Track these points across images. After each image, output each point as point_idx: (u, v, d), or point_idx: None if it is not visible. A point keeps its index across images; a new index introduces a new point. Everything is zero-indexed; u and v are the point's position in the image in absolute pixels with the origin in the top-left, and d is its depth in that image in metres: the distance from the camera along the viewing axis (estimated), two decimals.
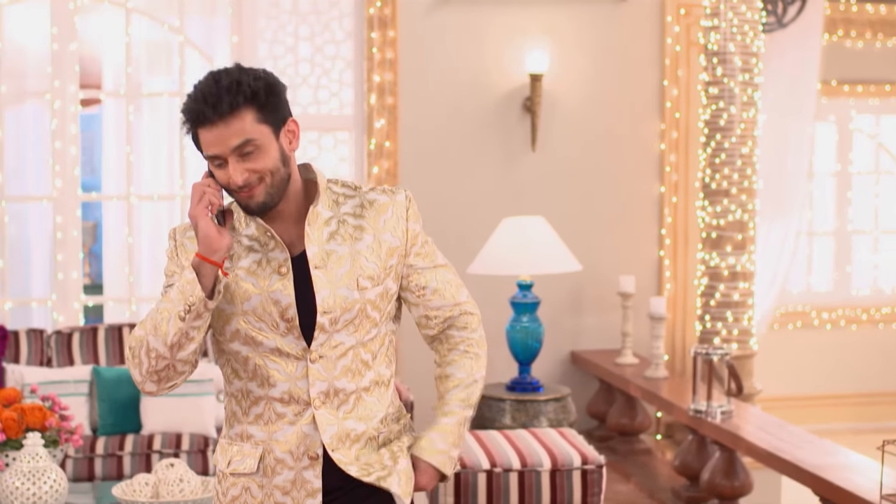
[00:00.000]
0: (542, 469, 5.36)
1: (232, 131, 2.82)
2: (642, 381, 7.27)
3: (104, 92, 7.79)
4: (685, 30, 8.17)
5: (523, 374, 6.87)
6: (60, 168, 7.50)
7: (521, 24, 7.93)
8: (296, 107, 7.80)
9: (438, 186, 7.90)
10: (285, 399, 2.93)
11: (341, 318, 2.93)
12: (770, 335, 8.76)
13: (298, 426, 2.94)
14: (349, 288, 2.93)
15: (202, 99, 2.82)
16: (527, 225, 6.85)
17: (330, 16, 7.88)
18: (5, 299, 7.50)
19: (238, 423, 3.01)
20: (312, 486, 2.95)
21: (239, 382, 2.98)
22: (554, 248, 6.81)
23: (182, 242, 3.01)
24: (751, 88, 7.53)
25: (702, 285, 7.64)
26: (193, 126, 2.86)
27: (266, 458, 2.96)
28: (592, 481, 5.41)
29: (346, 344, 2.94)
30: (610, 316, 8.08)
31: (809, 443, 5.94)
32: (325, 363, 2.93)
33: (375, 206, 3.04)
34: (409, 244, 3.07)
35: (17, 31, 7.62)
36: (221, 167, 2.86)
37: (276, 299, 2.90)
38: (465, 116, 7.92)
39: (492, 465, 5.34)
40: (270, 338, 2.92)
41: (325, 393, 2.93)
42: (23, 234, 7.77)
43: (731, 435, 6.14)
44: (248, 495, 2.99)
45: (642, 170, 8.19)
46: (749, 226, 7.57)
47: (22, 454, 4.86)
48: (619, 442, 7.72)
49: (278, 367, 2.92)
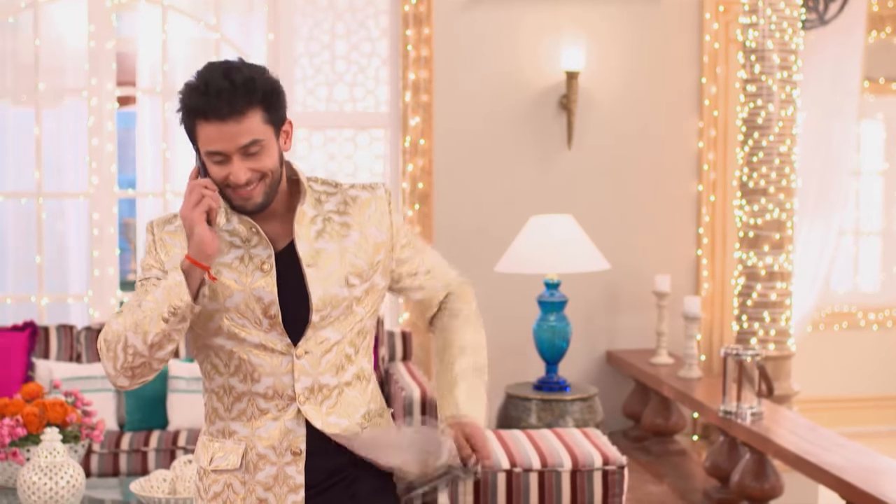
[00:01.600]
0: (563, 469, 5.31)
1: (242, 130, 2.81)
2: (676, 381, 7.20)
3: (140, 89, 7.82)
4: (724, 27, 8.08)
5: (550, 373, 6.83)
6: (97, 165, 7.55)
7: (556, 21, 7.89)
8: (332, 104, 7.82)
9: (473, 184, 7.87)
10: (269, 394, 2.93)
11: (331, 315, 2.94)
12: (814, 336, 8.66)
13: (282, 421, 2.94)
14: (339, 285, 2.95)
15: (215, 94, 2.79)
16: (554, 223, 6.80)
17: (366, 13, 7.87)
18: (42, 295, 7.56)
19: (220, 419, 3.00)
20: (295, 481, 2.95)
21: (220, 378, 2.98)
22: (582, 246, 6.76)
23: (161, 237, 3.00)
24: (789, 86, 7.43)
25: (739, 285, 7.55)
26: (198, 119, 2.83)
27: (249, 454, 2.96)
28: (614, 482, 5.35)
29: (332, 339, 2.95)
30: (646, 315, 8.02)
31: (840, 446, 5.85)
32: (310, 359, 2.93)
33: (358, 202, 3.05)
34: (394, 238, 3.07)
35: (55, 30, 7.68)
36: (221, 164, 2.85)
37: (258, 296, 2.90)
38: (500, 114, 7.89)
39: (512, 464, 5.30)
40: (254, 334, 2.92)
41: (309, 388, 2.93)
42: (60, 230, 7.83)
43: (759, 437, 6.07)
44: (230, 491, 2.99)
45: (680, 168, 8.11)
46: (787, 225, 7.47)
47: (40, 449, 4.88)
48: (654, 442, 7.66)
49: (263, 363, 2.92)
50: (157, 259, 2.98)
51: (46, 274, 7.64)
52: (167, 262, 2.94)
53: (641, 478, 7.22)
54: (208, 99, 2.79)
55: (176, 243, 2.96)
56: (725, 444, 6.62)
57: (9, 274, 7.84)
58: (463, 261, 7.60)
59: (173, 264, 2.88)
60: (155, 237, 3.01)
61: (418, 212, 7.76)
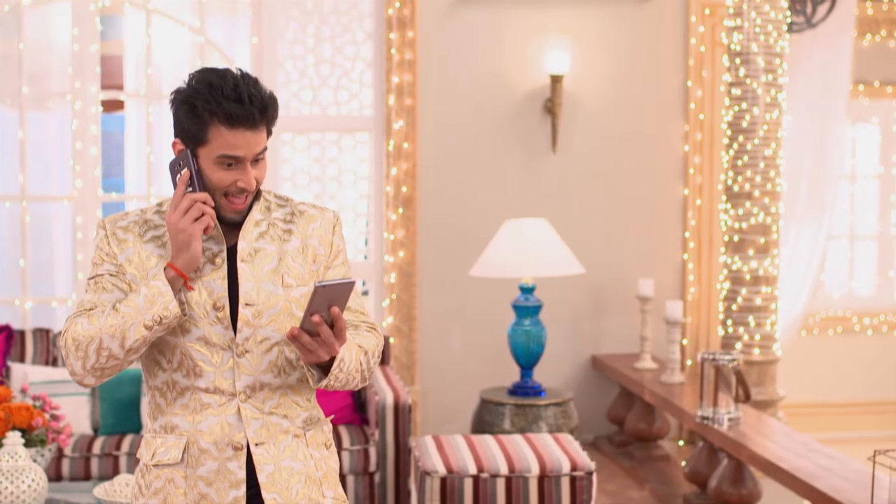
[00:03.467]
0: (530, 475, 5.29)
1: (260, 139, 2.93)
2: (657, 386, 7.17)
3: (125, 93, 7.83)
4: (710, 30, 8.05)
5: (525, 377, 6.79)
6: (81, 168, 7.56)
7: (541, 25, 7.86)
8: (316, 107, 7.82)
9: (457, 188, 7.85)
10: (211, 389, 2.96)
11: (265, 312, 2.98)
12: (808, 340, 8.60)
13: (223, 417, 2.97)
14: (274, 283, 3.00)
15: (248, 101, 2.87)
16: (529, 227, 6.77)
17: (350, 17, 7.85)
18: (27, 298, 7.57)
19: (162, 415, 3.02)
20: (236, 476, 2.97)
21: (164, 374, 3.01)
22: (556, 250, 6.72)
23: (114, 231, 3.04)
24: (774, 89, 7.40)
25: (724, 289, 7.52)
26: (222, 124, 2.87)
27: (190, 449, 2.98)
28: (581, 488, 5.34)
29: (272, 340, 2.99)
30: (631, 319, 7.99)
31: (815, 451, 5.81)
32: (251, 357, 2.97)
33: (305, 215, 3.14)
34: (331, 256, 3.13)
35: (39, 33, 7.69)
36: (230, 169, 2.93)
37: (210, 289, 2.96)
38: (484, 118, 7.87)
39: (479, 469, 5.29)
40: (199, 326, 2.95)
41: (251, 387, 2.98)
42: (44, 233, 7.83)
43: (734, 442, 6.03)
44: (171, 487, 3.00)
45: (666, 172, 8.08)
46: (773, 229, 7.43)
47: (1, 453, 4.88)
48: (637, 447, 7.63)
49: (204, 358, 2.96)
50: (109, 252, 3.02)
51: (30, 277, 7.65)
52: (119, 255, 3.00)
53: (623, 483, 7.19)
54: (243, 106, 2.86)
55: (128, 238, 3.02)
56: (705, 450, 6.58)
57: None
58: (446, 264, 7.65)
59: (127, 258, 2.97)
60: (107, 231, 3.04)
61: (402, 215, 7.75)
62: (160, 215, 3.06)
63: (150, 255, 3.00)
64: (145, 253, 3.00)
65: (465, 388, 7.43)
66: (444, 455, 5.40)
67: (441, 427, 7.76)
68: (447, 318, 7.88)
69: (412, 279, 7.80)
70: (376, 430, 6.23)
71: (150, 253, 3.00)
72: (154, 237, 3.02)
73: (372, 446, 6.24)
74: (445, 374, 7.86)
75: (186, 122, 2.91)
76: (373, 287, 7.90)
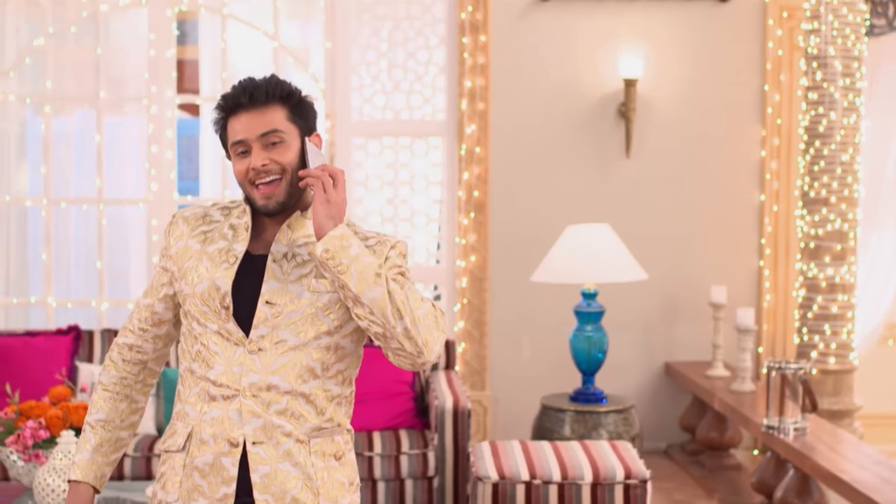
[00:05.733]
0: (583, 482, 5.26)
1: (264, 120, 2.96)
2: (727, 394, 7.06)
3: (201, 97, 7.91)
4: (787, 33, 7.90)
5: (586, 384, 6.73)
6: (157, 172, 7.66)
7: (614, 28, 7.79)
8: (388, 112, 7.83)
9: (529, 193, 7.81)
10: (218, 382, 2.96)
11: (286, 313, 2.96)
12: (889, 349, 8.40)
13: (226, 411, 2.96)
14: (301, 287, 2.97)
15: (240, 88, 2.99)
16: (591, 232, 6.71)
17: (423, 21, 7.86)
18: (103, 300, 7.68)
19: (180, 401, 3.06)
20: (228, 473, 2.96)
21: (185, 363, 3.05)
22: (618, 255, 6.65)
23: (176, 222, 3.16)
24: (852, 93, 7.25)
25: (800, 297, 7.38)
26: (226, 115, 2.99)
27: (193, 438, 2.99)
28: (635, 496, 5.29)
29: (289, 343, 2.96)
30: (704, 327, 7.87)
31: (879, 464, 5.68)
32: (263, 356, 2.96)
33: (359, 235, 3.06)
34: (382, 263, 3.01)
35: (117, 38, 7.81)
36: (244, 156, 2.99)
37: (217, 286, 2.98)
38: (557, 122, 7.82)
39: (531, 476, 5.26)
40: (213, 321, 2.98)
41: (257, 385, 2.95)
42: (120, 236, 7.95)
43: (798, 453, 5.91)
44: (171, 473, 3.03)
45: (742, 177, 7.95)
46: (850, 236, 7.28)
47: (55, 451, 4.96)
48: (709, 456, 7.52)
49: (219, 351, 2.97)
50: (166, 245, 3.15)
51: (107, 279, 7.76)
52: (172, 246, 3.11)
53: (693, 492, 7.10)
54: (235, 92, 3.00)
55: (184, 230, 3.11)
56: (772, 460, 6.48)
57: (71, 278, 7.96)
58: (516, 269, 7.61)
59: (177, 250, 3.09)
60: (172, 221, 3.17)
61: (473, 220, 7.73)
62: (223, 212, 3.10)
63: (187, 249, 3.06)
64: (187, 247, 3.06)
65: (533, 394, 7.38)
66: (497, 461, 5.37)
67: (511, 432, 7.72)
68: (517, 323, 7.84)
69: (483, 284, 7.78)
70: (435, 435, 6.22)
71: (190, 247, 3.06)
72: (203, 232, 3.07)
73: (431, 451, 6.22)
74: (515, 379, 7.82)
75: (215, 127, 3.05)
76: (445, 292, 7.90)
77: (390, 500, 6.18)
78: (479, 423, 7.77)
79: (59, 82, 7.76)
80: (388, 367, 6.33)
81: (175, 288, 3.08)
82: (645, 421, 7.82)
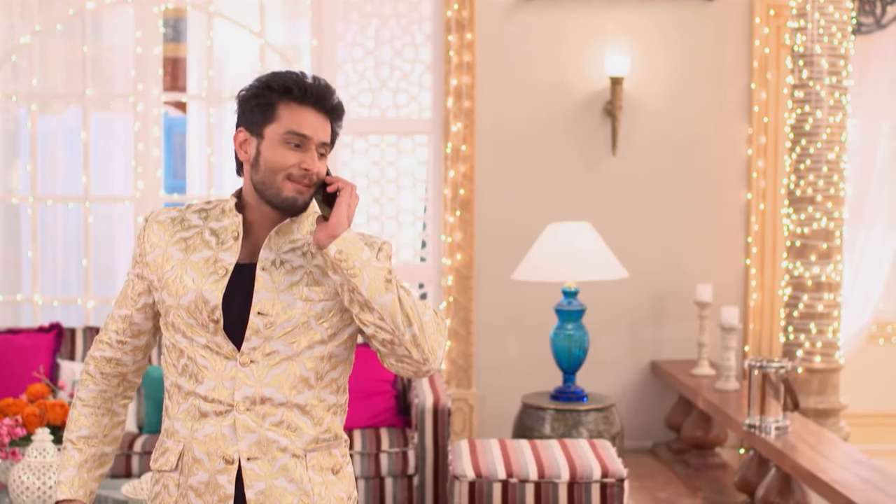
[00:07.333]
0: (560, 481, 5.24)
1: (326, 129, 2.91)
2: (711, 393, 7.05)
3: (187, 95, 7.91)
4: (774, 31, 7.89)
5: (567, 382, 6.72)
6: (143, 170, 7.66)
7: (601, 26, 7.78)
8: (374, 110, 7.83)
9: (515, 191, 7.81)
10: (209, 398, 2.88)
11: (279, 324, 2.89)
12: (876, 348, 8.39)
13: (219, 427, 2.88)
14: (293, 296, 2.90)
15: (324, 87, 2.91)
16: (572, 231, 6.70)
17: (409, 19, 7.86)
18: (89, 297, 7.68)
19: (168, 418, 2.98)
20: (225, 491, 2.90)
21: (171, 377, 2.96)
22: (598, 254, 6.64)
23: (151, 226, 3.05)
24: (838, 92, 7.24)
25: (786, 295, 7.38)
26: (293, 100, 2.88)
27: (185, 456, 2.93)
28: (612, 495, 5.27)
29: (282, 354, 2.89)
30: (691, 325, 7.87)
31: (858, 463, 5.68)
32: (255, 369, 2.88)
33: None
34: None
35: (103, 36, 7.81)
36: (298, 148, 2.88)
37: (206, 299, 2.89)
38: (543, 120, 7.81)
39: (508, 475, 5.25)
40: (201, 334, 2.90)
41: (250, 399, 2.88)
42: (107, 234, 7.95)
43: (778, 451, 5.91)
44: (165, 493, 2.98)
45: (728, 176, 7.94)
46: (836, 234, 7.27)
47: (30, 449, 4.95)
48: (695, 455, 7.52)
49: (208, 365, 2.89)
50: (141, 251, 3.05)
51: (93, 277, 7.76)
52: (148, 254, 3.01)
53: (677, 490, 7.10)
54: (319, 88, 2.90)
55: (160, 235, 3.00)
56: (754, 459, 6.47)
57: (58, 276, 7.96)
58: (502, 267, 7.60)
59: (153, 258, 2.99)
60: (146, 225, 3.07)
61: (459, 218, 7.73)
62: (200, 215, 3.01)
63: (168, 258, 2.96)
64: (167, 255, 2.96)
65: (519, 392, 7.37)
66: (475, 459, 5.36)
67: (497, 430, 7.71)
68: (503, 322, 7.83)
69: (469, 282, 7.78)
70: (416, 434, 6.22)
71: (170, 255, 2.96)
72: (182, 239, 2.97)
73: (411, 449, 6.22)
74: (501, 377, 7.82)
75: (256, 101, 2.90)
76: (430, 290, 7.89)
77: (370, 498, 6.18)
78: (465, 422, 7.77)
79: (45, 80, 7.76)
80: (370, 366, 6.30)
81: (155, 297, 2.99)
82: (631, 420, 7.82)
